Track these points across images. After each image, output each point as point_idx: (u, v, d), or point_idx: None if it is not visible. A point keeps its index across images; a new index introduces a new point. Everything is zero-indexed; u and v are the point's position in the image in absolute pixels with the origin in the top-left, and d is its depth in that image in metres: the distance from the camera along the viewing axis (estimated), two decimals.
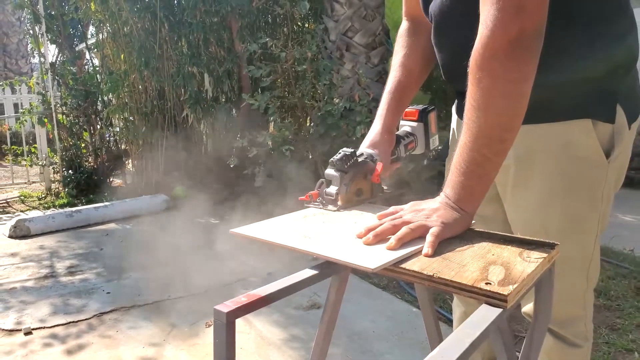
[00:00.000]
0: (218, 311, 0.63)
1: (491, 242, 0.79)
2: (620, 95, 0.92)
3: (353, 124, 3.27)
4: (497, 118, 0.77)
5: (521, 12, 0.73)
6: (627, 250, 3.10)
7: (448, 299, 2.31)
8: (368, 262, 0.70)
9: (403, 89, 1.12)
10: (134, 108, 4.60)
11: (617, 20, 0.91)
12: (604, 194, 0.97)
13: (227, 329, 0.61)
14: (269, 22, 4.82)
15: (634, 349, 1.94)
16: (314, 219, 0.92)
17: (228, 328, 0.61)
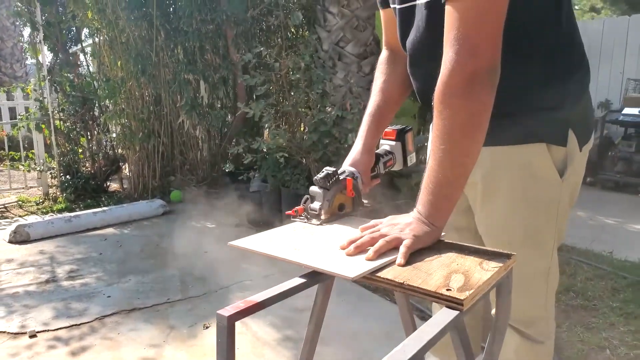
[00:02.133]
0: (220, 315, 0.74)
1: (456, 252, 0.91)
2: (572, 122, 1.04)
3: (345, 132, 3.39)
4: (458, 145, 0.89)
5: (474, 55, 0.85)
6: (606, 252, 3.23)
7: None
8: (348, 271, 0.82)
9: (382, 112, 1.24)
10: (131, 114, 4.69)
11: (569, 55, 1.03)
12: (559, 208, 1.09)
13: (228, 331, 0.73)
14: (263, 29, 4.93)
15: (606, 347, 2.07)
16: (302, 232, 1.04)
17: (229, 330, 0.73)
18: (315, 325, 0.97)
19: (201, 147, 5.11)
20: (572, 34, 1.05)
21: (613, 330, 2.22)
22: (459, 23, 0.86)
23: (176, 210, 4.48)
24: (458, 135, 0.88)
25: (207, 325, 2.32)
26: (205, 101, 4.77)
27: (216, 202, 4.75)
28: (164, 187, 4.98)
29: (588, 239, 3.52)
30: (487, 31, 0.85)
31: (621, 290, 2.64)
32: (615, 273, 2.87)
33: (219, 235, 3.78)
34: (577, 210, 4.44)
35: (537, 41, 0.99)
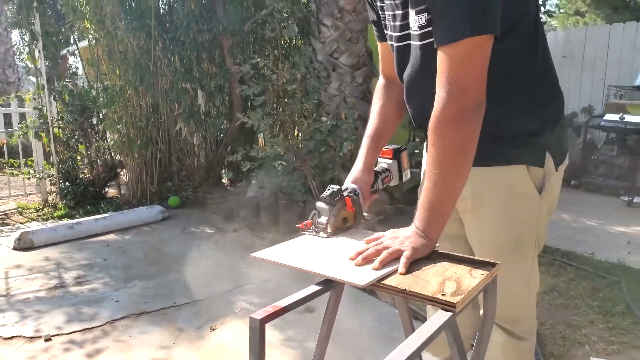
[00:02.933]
0: (253, 318, 0.88)
1: (449, 261, 1.06)
2: (548, 146, 1.20)
3: (340, 140, 3.53)
4: (449, 171, 1.04)
5: (463, 94, 1.00)
6: (588, 254, 3.42)
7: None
8: (359, 279, 0.96)
9: (379, 134, 1.39)
10: (130, 122, 4.80)
11: (545, 88, 1.19)
12: (539, 221, 1.24)
13: (259, 331, 0.87)
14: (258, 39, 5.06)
15: (585, 342, 2.24)
16: (313, 244, 1.18)
17: (261, 330, 0.87)
18: (328, 325, 1.11)
19: (198, 154, 5.23)
20: (548, 70, 1.21)
21: (592, 327, 2.39)
22: (449, 67, 1.01)
23: (175, 216, 4.59)
24: (449, 162, 1.03)
25: (213, 327, 2.45)
26: (203, 109, 4.89)
27: (214, 207, 4.88)
28: (162, 193, 5.09)
29: (571, 240, 3.71)
30: (474, 74, 1.01)
31: (601, 290, 2.82)
32: (595, 273, 3.05)
33: (218, 240, 3.91)
34: (562, 212, 4.64)
35: (518, 78, 1.14)
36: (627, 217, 4.52)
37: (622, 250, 3.54)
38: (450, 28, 0.99)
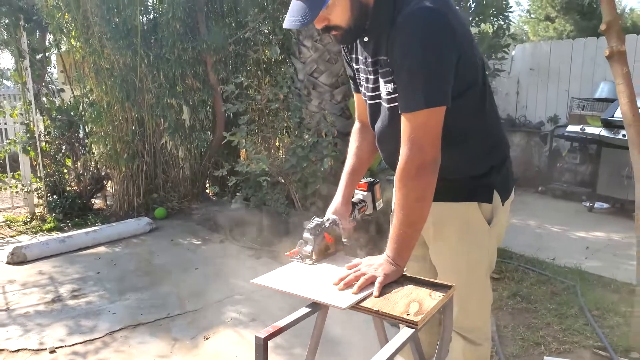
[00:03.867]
0: (258, 337, 1.10)
1: (414, 285, 1.30)
2: (495, 185, 1.46)
3: (321, 156, 3.77)
4: (412, 212, 1.28)
5: (421, 152, 1.25)
6: (550, 259, 3.73)
7: None
8: (341, 302, 1.20)
9: (355, 171, 1.64)
10: (117, 136, 4.94)
11: (491, 139, 1.45)
12: (489, 247, 1.50)
13: (263, 347, 1.09)
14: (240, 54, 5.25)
15: (541, 343, 2.52)
16: (303, 270, 1.41)
17: (264, 346, 1.09)
18: (315, 340, 1.34)
19: (183, 166, 5.40)
20: (494, 124, 1.46)
21: (548, 329, 2.67)
22: (410, 130, 1.25)
23: (162, 227, 4.76)
24: (412, 206, 1.28)
25: (207, 337, 2.66)
26: (188, 123, 5.06)
27: (198, 218, 5.06)
28: (148, 204, 5.25)
29: (535, 247, 4.01)
30: (430, 136, 1.25)
31: (558, 294, 3.12)
32: (555, 278, 3.35)
33: (205, 252, 4.10)
34: (528, 219, 4.97)
35: (469, 132, 1.39)
36: (587, 223, 4.87)
37: (581, 255, 3.87)
38: (411, 100, 1.24)
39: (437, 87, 1.23)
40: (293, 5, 1.29)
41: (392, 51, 1.28)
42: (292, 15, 1.27)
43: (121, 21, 4.66)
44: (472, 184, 1.44)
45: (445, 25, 1.22)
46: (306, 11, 1.25)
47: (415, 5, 1.22)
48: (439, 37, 1.21)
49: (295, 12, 1.27)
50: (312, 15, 1.24)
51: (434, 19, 1.21)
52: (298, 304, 1.21)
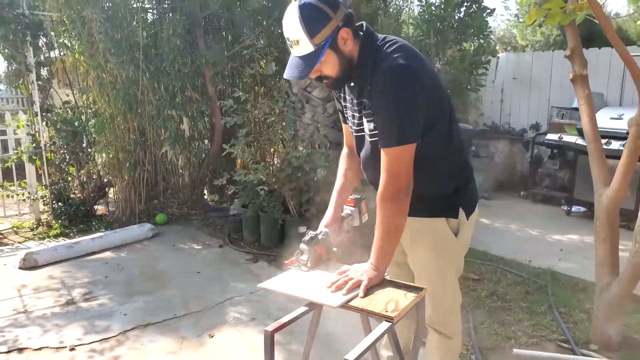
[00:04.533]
0: (266, 331, 1.38)
1: (392, 287, 1.59)
2: (461, 202, 1.74)
3: (314, 167, 4.05)
4: (390, 227, 1.57)
5: (398, 179, 1.53)
6: (526, 261, 4.03)
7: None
8: (333, 302, 1.48)
9: (344, 190, 1.91)
10: (119, 146, 5.19)
11: (457, 163, 1.74)
12: (456, 255, 1.79)
13: (271, 339, 1.37)
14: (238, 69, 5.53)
15: (512, 337, 2.82)
16: (301, 276, 1.69)
17: (272, 339, 1.37)
18: (312, 334, 1.62)
19: (182, 174, 5.66)
20: (460, 152, 1.75)
21: (520, 325, 2.97)
22: (388, 162, 1.54)
23: (163, 233, 5.00)
24: (390, 222, 1.56)
25: (212, 335, 2.93)
26: (187, 134, 5.32)
27: (198, 224, 5.32)
28: (149, 211, 5.50)
29: (513, 249, 4.32)
30: (404, 166, 1.54)
31: (531, 293, 3.42)
32: (529, 279, 3.65)
33: (206, 256, 4.37)
34: (510, 223, 5.29)
35: (438, 160, 1.67)
36: (564, 226, 5.19)
37: (555, 257, 4.18)
38: (388, 138, 1.53)
39: (408, 128, 1.51)
40: (292, 60, 1.57)
41: (372, 98, 1.56)
42: (291, 69, 1.56)
43: (124, 37, 4.91)
44: (441, 202, 1.73)
45: (414, 79, 1.50)
46: (302, 66, 1.53)
47: (391, 62, 1.50)
48: (409, 88, 1.50)
49: (294, 66, 1.55)
50: (308, 71, 1.53)
51: (405, 74, 1.50)
52: (293, 304, 1.49)
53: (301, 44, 1.51)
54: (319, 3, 1.49)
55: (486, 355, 2.65)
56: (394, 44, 1.56)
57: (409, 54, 1.54)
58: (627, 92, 6.09)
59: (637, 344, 2.73)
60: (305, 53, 1.52)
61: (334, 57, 1.56)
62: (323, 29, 1.49)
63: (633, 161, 2.61)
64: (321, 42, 1.50)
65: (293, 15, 1.50)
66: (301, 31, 1.49)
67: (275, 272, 3.86)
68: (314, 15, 1.49)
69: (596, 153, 2.81)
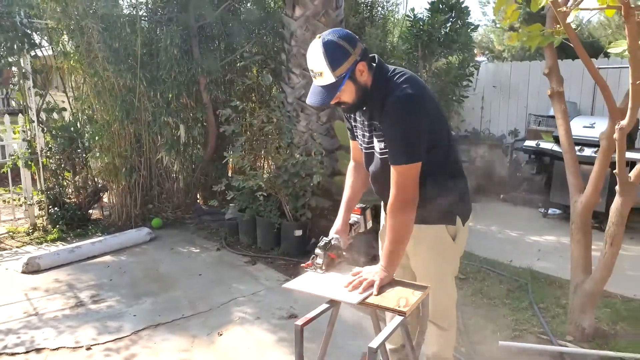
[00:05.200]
0: (296, 325, 1.59)
1: (401, 286, 1.82)
2: (458, 211, 1.99)
3: (310, 173, 4.27)
4: (399, 235, 1.80)
5: (405, 192, 1.77)
6: (508, 261, 4.32)
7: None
8: (352, 299, 1.70)
9: (351, 200, 2.14)
10: (116, 152, 5.32)
11: (454, 180, 1.98)
12: (454, 257, 2.04)
13: (300, 334, 1.58)
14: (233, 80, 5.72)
15: (497, 331, 3.09)
16: (320, 278, 1.91)
17: (301, 333, 1.58)
18: (330, 328, 1.85)
19: (178, 179, 5.81)
20: (457, 169, 2.00)
21: (504, 320, 3.25)
22: (397, 177, 1.78)
23: (160, 237, 5.15)
24: (399, 229, 1.80)
25: (220, 333, 3.12)
26: (183, 140, 5.48)
27: (194, 228, 5.48)
28: (145, 215, 5.64)
29: (495, 250, 4.61)
30: (411, 181, 1.78)
31: (513, 291, 3.71)
32: (511, 277, 3.94)
33: (205, 259, 4.54)
34: (491, 225, 5.59)
35: (437, 176, 1.91)
36: (541, 227, 5.53)
37: (534, 257, 4.49)
38: (397, 157, 1.77)
39: (414, 149, 1.76)
40: (314, 88, 1.79)
41: (384, 122, 1.80)
42: (314, 96, 1.78)
43: (122, 46, 5.05)
44: (441, 211, 1.97)
45: (420, 107, 1.75)
46: (325, 94, 1.76)
47: (400, 92, 1.74)
48: (416, 115, 1.74)
49: (317, 94, 1.77)
50: (330, 99, 1.76)
51: (412, 103, 1.74)
52: (294, 304, 1.70)
53: (324, 75, 1.74)
54: (340, 40, 1.72)
55: (475, 348, 2.91)
56: (402, 75, 1.81)
57: (415, 84, 1.78)
58: (598, 101, 6.48)
59: (607, 334, 3.03)
60: (327, 83, 1.75)
61: (352, 87, 1.79)
62: (344, 63, 1.72)
63: (603, 170, 2.91)
64: (342, 74, 1.73)
65: (317, 50, 1.73)
66: (325, 65, 1.71)
67: (273, 274, 4.10)
68: (336, 51, 1.72)
69: (571, 163, 3.10)
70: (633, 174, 2.60)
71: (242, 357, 2.85)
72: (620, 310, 3.33)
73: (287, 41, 4.88)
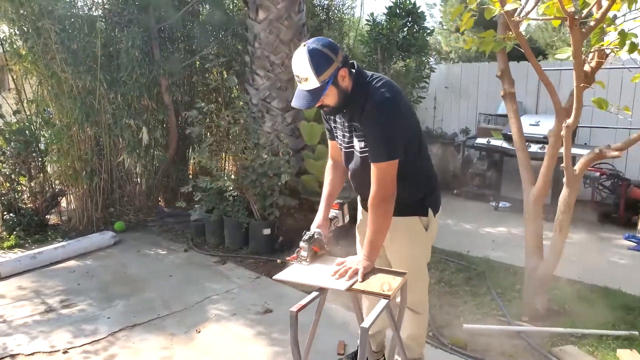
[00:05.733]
0: (292, 311, 1.72)
1: (382, 273, 1.99)
2: (430, 204, 2.18)
3: (278, 172, 4.39)
4: (379, 227, 1.97)
5: (385, 188, 1.94)
6: (465, 252, 4.61)
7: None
8: (340, 286, 1.85)
9: (331, 196, 2.30)
10: (75, 155, 5.22)
11: (425, 175, 2.18)
12: (426, 246, 2.23)
13: (295, 319, 1.71)
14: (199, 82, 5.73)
15: (460, 315, 3.33)
16: (306, 269, 2.04)
17: (295, 319, 1.71)
18: (319, 314, 1.98)
19: (139, 181, 5.76)
20: (427, 165, 2.19)
21: (465, 305, 3.49)
22: (378, 173, 1.94)
23: (124, 240, 5.10)
24: (379, 221, 1.97)
25: (199, 330, 3.19)
26: (145, 142, 5.44)
27: (158, 230, 5.46)
28: (106, 219, 5.56)
29: (453, 242, 4.89)
30: (391, 176, 1.94)
31: (472, 279, 3.97)
32: (469, 266, 4.21)
33: (174, 260, 4.55)
34: (447, 219, 5.88)
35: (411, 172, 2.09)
36: (493, 220, 5.89)
37: (488, 247, 4.80)
38: (378, 155, 1.93)
39: (393, 147, 1.93)
40: (299, 92, 1.93)
41: (364, 124, 1.96)
42: (299, 99, 1.92)
43: (81, 48, 4.97)
44: (414, 204, 2.16)
45: (397, 109, 1.93)
46: (310, 98, 1.90)
47: (379, 97, 1.91)
48: (393, 117, 1.92)
49: (302, 98, 1.91)
50: (315, 102, 1.90)
51: (390, 106, 1.92)
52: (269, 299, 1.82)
53: (309, 81, 1.87)
54: (324, 48, 1.87)
55: (441, 331, 3.13)
56: (380, 80, 1.98)
57: (391, 89, 1.96)
58: (541, 100, 6.96)
59: (557, 313, 3.34)
60: (312, 88, 1.89)
61: (335, 91, 1.94)
62: (327, 69, 1.87)
63: (552, 165, 3.21)
64: (326, 80, 1.88)
65: (303, 57, 1.86)
66: (310, 71, 1.85)
67: (244, 273, 4.19)
68: (320, 59, 1.86)
69: (524, 159, 3.38)
70: (578, 167, 2.89)
71: (223, 352, 2.94)
72: (566, 292, 3.66)
73: (251, 44, 4.97)
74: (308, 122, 4.64)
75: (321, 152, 4.68)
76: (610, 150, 2.69)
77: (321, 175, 4.71)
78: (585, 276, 3.95)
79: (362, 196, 2.24)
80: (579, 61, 2.45)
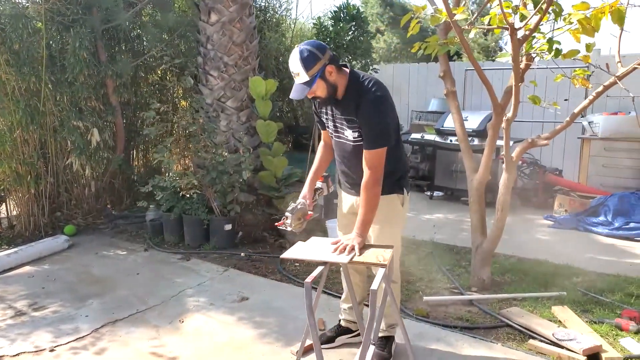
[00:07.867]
0: (307, 282, 1.99)
1: (375, 247, 2.32)
2: (404, 183, 2.55)
3: (239, 170, 4.58)
4: (370, 206, 2.31)
5: (377, 172, 2.29)
6: (411, 236, 5.07)
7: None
8: (343, 260, 2.15)
9: (318, 170, 2.66)
10: (20, 159, 5.05)
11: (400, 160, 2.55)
12: (402, 220, 2.61)
13: (310, 290, 1.98)
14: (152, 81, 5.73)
15: (419, 290, 3.75)
16: (309, 247, 2.32)
17: (311, 289, 1.98)
18: (321, 288, 2.27)
19: (88, 184, 5.66)
20: (402, 152, 2.56)
21: (421, 282, 3.93)
22: (370, 159, 2.28)
23: (78, 243, 5.02)
24: (371, 201, 2.30)
25: (182, 320, 3.33)
26: (94, 144, 5.37)
27: (111, 232, 5.42)
28: (53, 223, 5.42)
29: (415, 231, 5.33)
30: (381, 162, 2.28)
31: (422, 259, 4.43)
32: (417, 248, 4.68)
33: (136, 259, 4.59)
34: None
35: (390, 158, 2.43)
36: (430, 208, 6.46)
37: (431, 231, 5.31)
38: (372, 143, 2.27)
39: (387, 136, 2.29)
40: (295, 86, 2.26)
41: (360, 117, 2.30)
42: (294, 92, 2.26)
43: (24, 48, 4.83)
44: (392, 184, 2.52)
45: (387, 105, 2.29)
46: (302, 90, 2.24)
47: (373, 94, 2.26)
48: (385, 111, 2.27)
49: (296, 90, 2.27)
50: (305, 93, 2.24)
51: (382, 102, 2.27)
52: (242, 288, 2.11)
53: (300, 75, 2.23)
54: (312, 48, 2.23)
55: (405, 305, 3.52)
56: (371, 80, 2.34)
57: (381, 88, 2.32)
58: (467, 98, 7.67)
59: (499, 283, 3.86)
60: (303, 81, 2.23)
61: (323, 84, 2.28)
62: (315, 65, 2.22)
63: (491, 153, 3.71)
64: (314, 74, 2.22)
65: (295, 56, 2.23)
66: (300, 67, 2.21)
67: (211, 266, 4.36)
68: (308, 57, 2.21)
69: (466, 149, 3.87)
70: (515, 154, 3.40)
71: (212, 336, 3.12)
72: (505, 265, 4.22)
73: (204, 45, 5.10)
74: (265, 120, 4.87)
75: (277, 149, 4.93)
76: (541, 140, 3.22)
77: (277, 172, 4.96)
78: (518, 251, 4.56)
79: (348, 179, 2.57)
80: (517, 64, 2.93)
